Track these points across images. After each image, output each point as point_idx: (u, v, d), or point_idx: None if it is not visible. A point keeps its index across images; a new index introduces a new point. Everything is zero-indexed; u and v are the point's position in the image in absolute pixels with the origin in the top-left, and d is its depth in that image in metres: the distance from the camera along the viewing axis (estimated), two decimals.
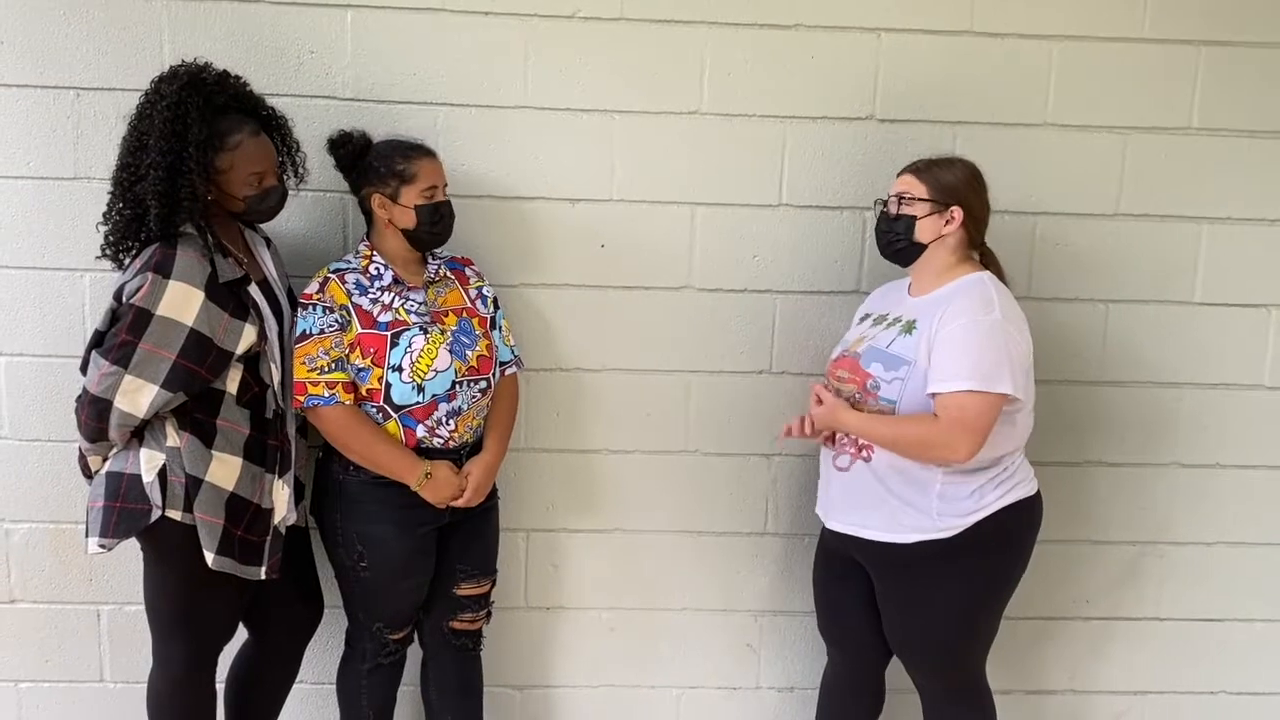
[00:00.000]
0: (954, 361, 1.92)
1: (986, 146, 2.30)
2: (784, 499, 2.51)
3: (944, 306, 1.98)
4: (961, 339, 1.92)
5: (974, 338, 1.92)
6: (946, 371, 1.92)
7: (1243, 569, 2.59)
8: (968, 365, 1.90)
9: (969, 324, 1.93)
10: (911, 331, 2.00)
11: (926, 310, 2.01)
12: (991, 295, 1.98)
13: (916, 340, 1.98)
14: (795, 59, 2.32)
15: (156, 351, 1.86)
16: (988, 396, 1.90)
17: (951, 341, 1.93)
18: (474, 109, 2.30)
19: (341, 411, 2.03)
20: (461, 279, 2.21)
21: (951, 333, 1.93)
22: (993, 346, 1.92)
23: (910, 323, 2.02)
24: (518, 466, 2.44)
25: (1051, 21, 2.33)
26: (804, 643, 2.57)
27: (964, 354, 1.91)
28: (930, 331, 1.96)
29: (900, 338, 2.01)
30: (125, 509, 1.93)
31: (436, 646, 2.28)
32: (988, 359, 1.91)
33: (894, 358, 2.00)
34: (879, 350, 2.03)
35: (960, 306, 1.96)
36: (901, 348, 2.00)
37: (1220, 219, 2.43)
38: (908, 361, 1.98)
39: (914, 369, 1.97)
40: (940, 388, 1.92)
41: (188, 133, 1.86)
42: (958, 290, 2.01)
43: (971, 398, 1.90)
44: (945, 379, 1.92)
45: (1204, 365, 2.49)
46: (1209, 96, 2.38)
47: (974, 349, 1.91)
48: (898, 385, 1.98)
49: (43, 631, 2.44)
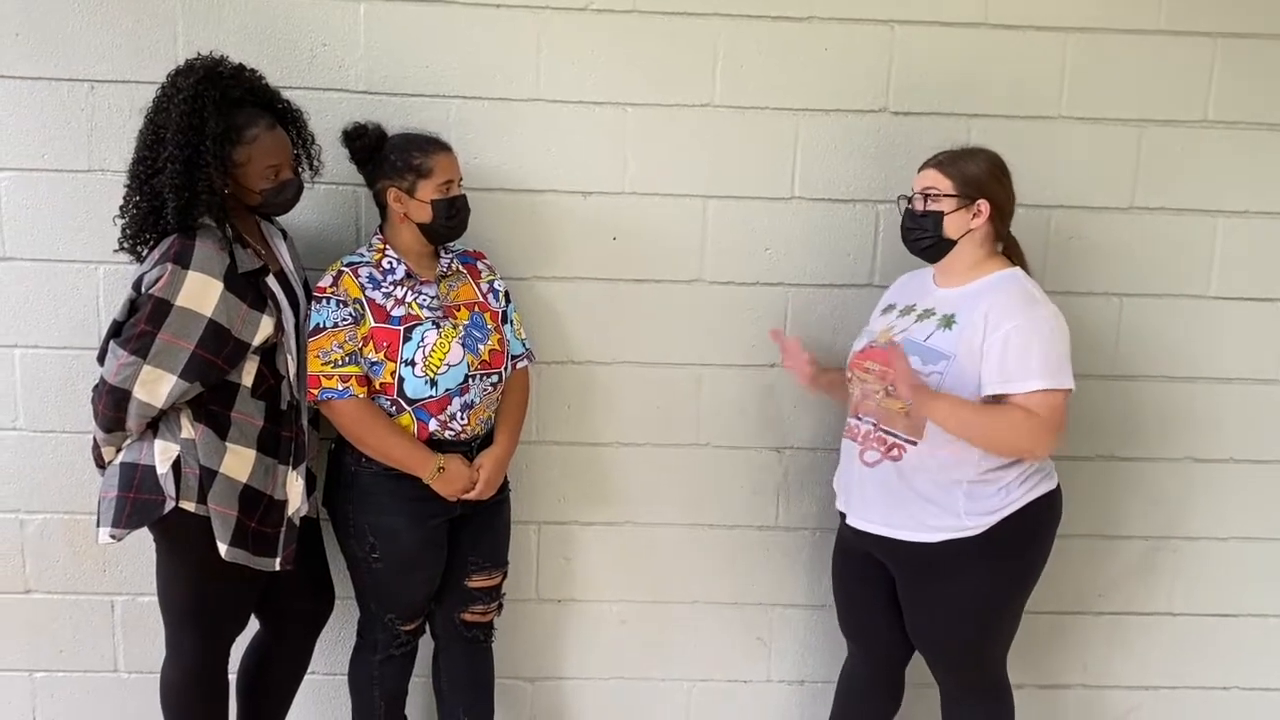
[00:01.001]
0: (1021, 362, 1.90)
1: (1001, 139, 2.28)
2: (795, 492, 2.50)
3: (983, 303, 1.96)
4: (1025, 339, 1.91)
5: (1038, 336, 1.91)
6: (1016, 372, 1.90)
7: (1256, 564, 2.57)
8: (1037, 364, 1.90)
9: (1027, 324, 1.92)
10: (950, 326, 1.98)
11: (964, 305, 1.99)
12: (1032, 291, 1.98)
13: (957, 335, 1.96)
14: (809, 51, 2.31)
15: (175, 342, 1.87)
16: (1061, 394, 1.91)
17: (1013, 342, 1.91)
18: (487, 102, 2.30)
19: (355, 405, 2.04)
20: (473, 273, 2.21)
21: (1010, 333, 1.91)
22: (1054, 342, 1.92)
23: (948, 317, 2.00)
24: (529, 459, 2.44)
25: (1066, 13, 2.32)
26: (815, 636, 2.58)
27: (1030, 353, 1.90)
28: (977, 329, 1.94)
29: (939, 332, 1.99)
30: (139, 500, 1.94)
31: (448, 638, 2.29)
32: (1053, 355, 1.91)
33: (933, 351, 1.98)
34: (916, 344, 2.00)
35: (1008, 305, 1.94)
36: (941, 342, 1.98)
37: (1236, 212, 2.41)
38: (947, 356, 1.96)
39: (953, 364, 1.95)
40: (1014, 388, 1.91)
41: (205, 126, 1.86)
42: (994, 286, 1.99)
43: (1049, 396, 1.90)
44: (1016, 379, 1.90)
45: (1219, 360, 2.48)
46: (1225, 89, 2.36)
47: (1040, 347, 1.91)
48: (935, 379, 1.95)
49: (57, 622, 2.45)
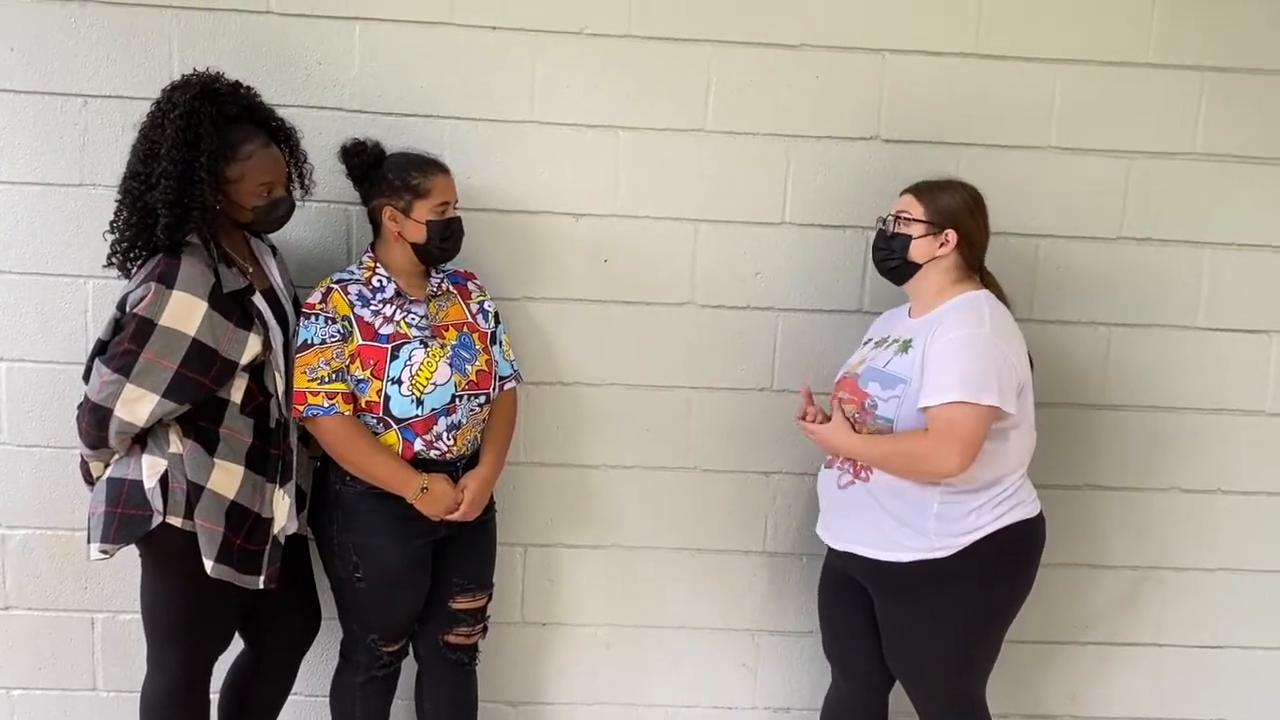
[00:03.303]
0: (942, 374, 1.93)
1: (990, 168, 2.31)
2: (783, 517, 2.50)
3: (937, 324, 1.99)
4: (951, 352, 1.93)
5: (963, 350, 1.93)
6: (934, 384, 1.93)
7: (1243, 596, 2.57)
8: (955, 377, 1.91)
9: (958, 338, 1.94)
10: (908, 350, 2.01)
11: (921, 329, 2.02)
12: (984, 311, 1.98)
13: (912, 359, 1.99)
14: (800, 79, 2.33)
15: (158, 361, 1.86)
16: (976, 408, 1.90)
17: (940, 355, 1.94)
18: (481, 123, 2.31)
19: (340, 422, 2.03)
20: (463, 293, 2.22)
21: (941, 347, 1.95)
22: (981, 359, 1.92)
23: (906, 342, 2.03)
24: (517, 480, 2.43)
25: (1056, 45, 2.34)
26: (801, 663, 2.56)
27: (952, 366, 1.92)
28: (923, 348, 1.98)
29: (897, 357, 2.02)
30: (126, 514, 1.93)
31: (432, 660, 2.27)
32: (975, 371, 1.91)
33: (890, 376, 2.01)
34: (876, 370, 2.04)
35: (951, 321, 1.97)
36: (898, 367, 2.01)
37: (1223, 244, 2.43)
38: (904, 380, 1.98)
39: (909, 387, 1.97)
40: (928, 401, 1.93)
41: (200, 142, 1.86)
42: (952, 308, 2.02)
43: (959, 409, 1.90)
44: (932, 392, 1.93)
45: (1205, 390, 2.49)
46: (1212, 122, 2.38)
47: (962, 361, 1.92)
48: (894, 404, 1.98)
49: (37, 639, 2.42)
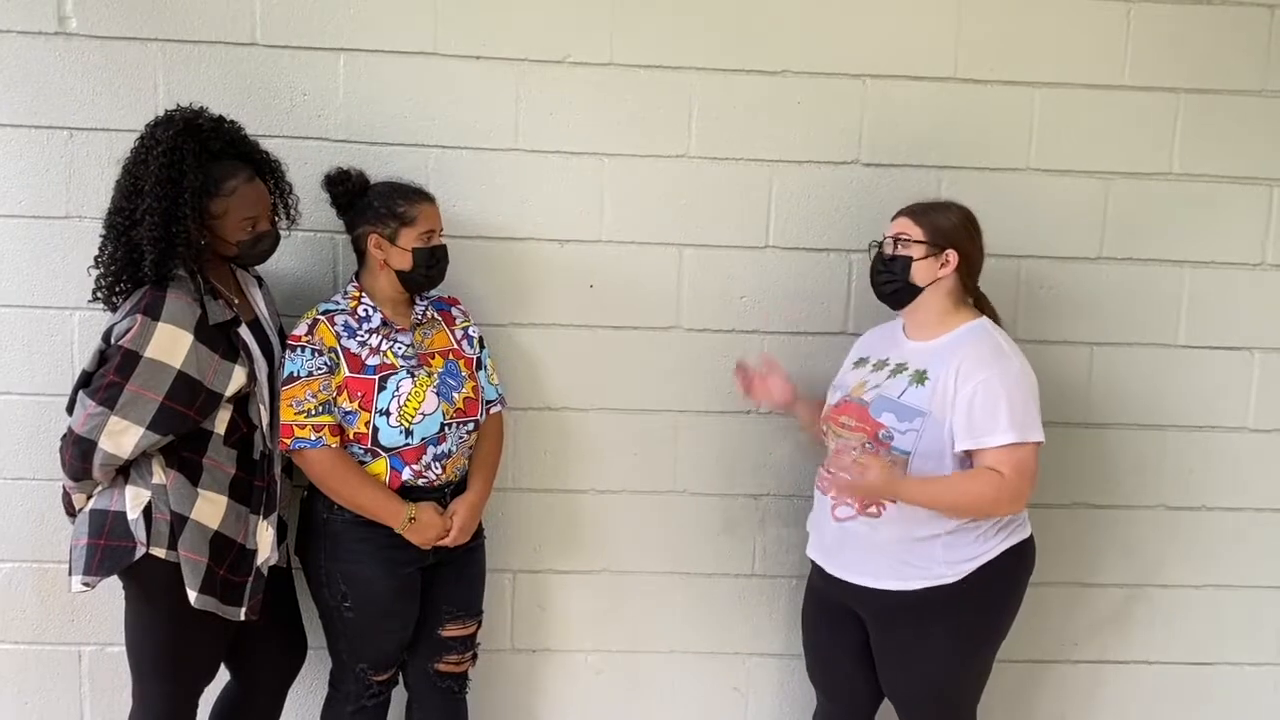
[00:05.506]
0: (990, 417, 1.91)
1: (971, 191, 2.32)
2: (772, 540, 2.50)
3: (955, 357, 1.97)
4: (993, 393, 1.92)
5: (1004, 390, 1.92)
6: (984, 427, 1.91)
7: (1231, 612, 2.58)
8: (1005, 419, 1.90)
9: (996, 377, 1.93)
10: (923, 382, 1.99)
11: (935, 359, 2.00)
12: (1001, 343, 2.00)
13: (930, 391, 1.97)
14: (782, 104, 2.35)
15: (143, 393, 1.86)
16: (1029, 446, 1.91)
17: (981, 396, 1.92)
18: (465, 151, 2.32)
19: (327, 454, 2.03)
20: (448, 319, 2.22)
21: (978, 387, 1.93)
22: (1022, 395, 1.93)
23: (920, 373, 2.01)
24: (505, 506, 2.43)
25: (1034, 69, 2.37)
26: (791, 686, 2.56)
27: (999, 408, 1.91)
28: (947, 385, 1.95)
29: (913, 388, 2.00)
30: (109, 546, 1.92)
31: (421, 688, 2.26)
32: (1021, 409, 1.92)
33: (907, 409, 1.98)
34: (890, 400, 2.01)
35: (977, 358, 1.96)
36: (915, 399, 1.99)
37: (1203, 262, 2.46)
38: (922, 413, 1.97)
39: (929, 420, 1.96)
40: (983, 443, 1.91)
41: (183, 179, 1.87)
42: (964, 339, 2.01)
43: (1020, 450, 1.90)
44: (984, 434, 1.91)
45: (1188, 408, 2.50)
46: (1189, 142, 2.41)
47: (1005, 401, 1.91)
48: (912, 436, 1.96)
49: (24, 672, 2.41)
